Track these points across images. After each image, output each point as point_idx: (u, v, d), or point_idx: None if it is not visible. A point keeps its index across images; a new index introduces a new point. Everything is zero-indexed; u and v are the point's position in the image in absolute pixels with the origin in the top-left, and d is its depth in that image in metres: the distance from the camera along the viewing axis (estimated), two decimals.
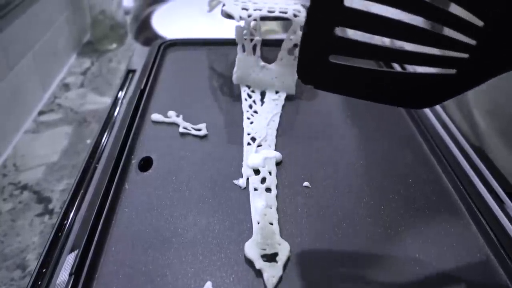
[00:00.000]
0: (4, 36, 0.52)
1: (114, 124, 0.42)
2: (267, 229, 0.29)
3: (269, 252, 0.27)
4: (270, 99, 0.44)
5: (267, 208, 0.31)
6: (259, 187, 0.33)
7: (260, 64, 0.45)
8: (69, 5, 0.74)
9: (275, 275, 0.26)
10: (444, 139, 0.39)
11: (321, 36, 0.25)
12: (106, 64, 0.74)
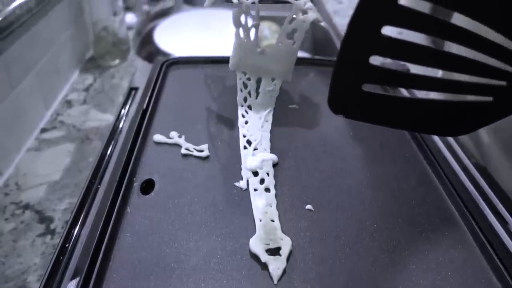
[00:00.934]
0: (6, 56, 0.52)
1: (117, 144, 0.42)
2: (269, 225, 0.31)
3: (273, 247, 0.30)
4: (265, 90, 0.44)
5: (268, 206, 0.33)
6: (259, 187, 0.35)
7: (258, 50, 0.43)
8: (72, 22, 0.74)
9: (280, 267, 0.28)
10: (448, 159, 0.39)
11: (356, 65, 0.25)
12: (109, 80, 0.75)
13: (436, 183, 0.36)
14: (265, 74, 0.45)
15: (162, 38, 0.94)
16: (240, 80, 0.44)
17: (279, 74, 0.45)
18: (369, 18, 0.24)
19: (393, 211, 0.33)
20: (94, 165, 0.40)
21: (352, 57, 0.25)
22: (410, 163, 0.39)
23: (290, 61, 0.44)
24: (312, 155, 0.40)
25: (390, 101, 0.28)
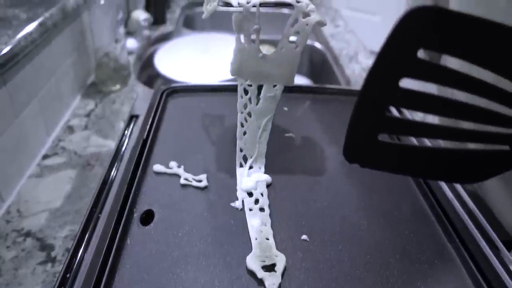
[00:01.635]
0: (10, 85, 0.54)
1: (117, 172, 0.43)
2: (264, 243, 0.33)
3: (268, 263, 0.31)
4: (266, 96, 0.43)
5: (263, 225, 0.35)
6: (253, 207, 0.37)
7: (260, 55, 0.41)
8: (75, 49, 0.76)
9: (275, 283, 0.30)
10: (442, 189, 0.40)
11: (373, 116, 0.25)
12: (110, 105, 0.76)
13: (429, 214, 0.37)
14: (266, 80, 0.43)
15: (162, 62, 0.96)
16: (241, 86, 0.43)
17: (282, 79, 0.43)
18: (388, 71, 0.24)
19: (386, 242, 0.34)
20: (95, 194, 0.40)
21: (369, 108, 0.25)
22: (404, 193, 0.40)
23: (292, 65, 0.42)
24: (307, 184, 0.41)
25: (404, 150, 0.29)
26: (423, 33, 0.23)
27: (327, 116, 0.52)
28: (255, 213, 0.37)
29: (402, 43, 0.23)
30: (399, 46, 0.23)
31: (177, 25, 1.22)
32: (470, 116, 0.27)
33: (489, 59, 0.24)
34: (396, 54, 0.24)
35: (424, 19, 0.22)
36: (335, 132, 0.49)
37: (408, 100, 0.26)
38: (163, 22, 1.17)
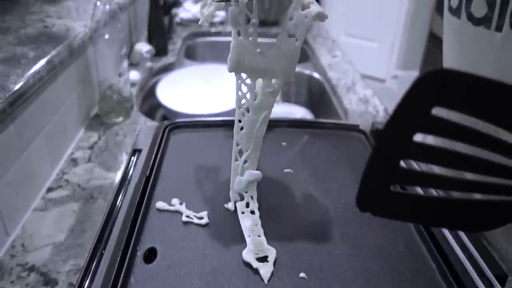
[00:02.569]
0: (18, 122, 0.56)
1: (120, 208, 0.44)
2: (256, 240, 0.39)
3: (261, 255, 0.37)
4: (264, 92, 0.42)
5: (254, 225, 0.41)
6: (245, 210, 0.42)
7: (257, 50, 0.40)
8: (80, 83, 0.78)
9: (268, 271, 0.36)
10: None
11: (386, 168, 0.27)
12: (113, 137, 0.78)
13: (423, 250, 0.38)
14: (265, 75, 0.41)
15: (163, 93, 0.99)
16: (239, 82, 0.42)
17: (281, 75, 0.41)
18: (402, 127, 0.25)
19: (381, 278, 0.35)
20: (98, 230, 0.42)
21: (383, 161, 0.26)
22: (398, 228, 0.41)
23: (292, 60, 0.41)
24: (305, 220, 0.42)
25: (414, 200, 0.30)
26: (435, 94, 0.24)
27: (325, 151, 0.53)
28: (247, 215, 0.42)
29: (416, 102, 0.24)
30: (413, 105, 0.24)
31: (178, 56, 1.25)
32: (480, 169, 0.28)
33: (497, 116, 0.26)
34: (410, 112, 0.25)
35: (436, 81, 0.24)
36: (333, 168, 0.50)
37: (421, 154, 0.27)
38: (165, 53, 1.20)
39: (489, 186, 0.28)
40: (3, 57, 0.61)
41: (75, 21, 0.79)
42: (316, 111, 1.11)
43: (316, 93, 1.16)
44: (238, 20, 0.39)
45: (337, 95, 1.01)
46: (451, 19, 0.55)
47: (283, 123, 0.59)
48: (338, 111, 0.98)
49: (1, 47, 0.64)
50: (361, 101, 0.96)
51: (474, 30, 0.51)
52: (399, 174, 0.28)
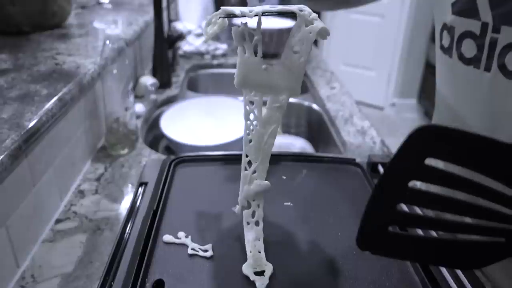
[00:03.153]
0: (30, 157, 0.58)
1: (128, 241, 0.46)
2: (256, 255, 0.42)
3: (259, 270, 0.41)
4: (271, 107, 0.43)
5: (256, 240, 0.44)
6: (250, 221, 0.45)
7: (263, 66, 0.42)
8: (88, 117, 0.82)
9: (264, 283, 0.40)
10: None
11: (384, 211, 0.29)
12: (119, 169, 0.81)
13: (417, 282, 0.40)
14: (272, 91, 0.43)
15: (167, 124, 1.02)
16: (246, 97, 0.43)
17: (287, 90, 0.43)
18: (398, 175, 0.28)
19: None
20: (108, 262, 0.44)
21: (381, 204, 0.29)
22: (393, 261, 0.43)
23: (298, 76, 0.42)
24: (303, 251, 0.44)
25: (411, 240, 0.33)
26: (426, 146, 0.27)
27: (323, 185, 0.56)
28: (251, 227, 0.45)
29: (410, 154, 0.27)
30: (407, 157, 0.27)
31: (181, 88, 1.29)
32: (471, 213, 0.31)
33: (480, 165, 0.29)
34: (405, 163, 0.28)
35: (426, 135, 0.27)
36: (331, 201, 0.53)
37: (415, 199, 0.30)
38: (169, 85, 1.24)
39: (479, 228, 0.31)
40: (18, 94, 0.64)
41: (85, 58, 0.83)
42: (315, 142, 1.14)
43: (315, 124, 1.20)
44: (242, 38, 0.41)
45: (335, 126, 1.04)
46: (443, 57, 0.59)
47: (284, 157, 0.62)
48: (337, 142, 1.01)
49: (16, 84, 0.68)
50: (358, 133, 0.99)
51: (464, 69, 0.54)
52: (396, 216, 0.30)
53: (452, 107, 0.60)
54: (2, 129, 0.53)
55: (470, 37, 0.52)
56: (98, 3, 1.47)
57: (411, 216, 0.32)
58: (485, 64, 0.51)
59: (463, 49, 0.54)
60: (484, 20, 0.50)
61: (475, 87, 0.53)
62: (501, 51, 0.49)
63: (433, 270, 0.41)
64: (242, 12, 0.40)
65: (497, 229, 0.31)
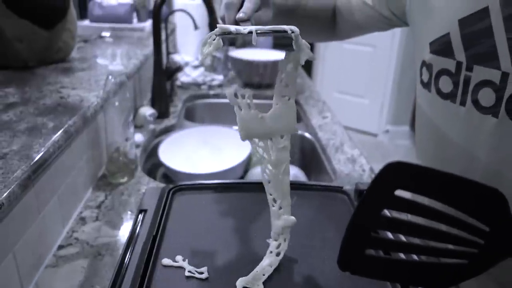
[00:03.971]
0: (37, 186, 0.62)
1: (129, 264, 0.50)
2: (258, 276, 0.46)
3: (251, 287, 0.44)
4: (277, 148, 0.48)
5: (268, 266, 0.47)
6: (274, 250, 0.48)
7: (259, 116, 0.47)
8: (90, 147, 0.86)
9: None
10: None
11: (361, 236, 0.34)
12: (118, 197, 0.84)
13: None
14: (273, 135, 0.48)
15: (165, 153, 1.06)
16: (254, 145, 0.48)
17: (286, 130, 0.48)
18: (372, 205, 0.32)
19: None
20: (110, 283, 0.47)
21: (358, 231, 0.33)
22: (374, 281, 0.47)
23: (291, 116, 0.48)
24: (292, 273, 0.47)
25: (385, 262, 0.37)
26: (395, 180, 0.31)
27: (312, 211, 0.60)
28: (272, 255, 0.48)
29: (381, 186, 0.32)
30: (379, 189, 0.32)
31: (179, 118, 1.34)
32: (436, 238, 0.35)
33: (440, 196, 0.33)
34: (377, 194, 0.32)
35: (395, 171, 0.31)
36: (319, 227, 0.56)
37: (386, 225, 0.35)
38: (167, 116, 1.29)
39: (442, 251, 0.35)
40: (26, 127, 0.69)
41: (88, 92, 0.88)
42: (308, 170, 1.19)
43: (308, 152, 1.24)
44: (235, 98, 0.46)
45: (326, 154, 1.09)
46: (423, 91, 0.64)
47: None
48: (328, 170, 1.05)
49: (24, 117, 0.72)
50: (348, 161, 1.03)
51: (442, 103, 0.59)
52: (371, 241, 0.34)
53: (432, 138, 0.65)
54: (12, 161, 0.57)
55: (447, 74, 0.57)
56: (100, 37, 1.53)
57: (384, 241, 0.36)
58: (460, 99, 0.56)
59: (441, 85, 0.59)
60: (459, 60, 0.55)
61: (452, 120, 0.58)
62: (474, 87, 0.54)
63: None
64: (237, 29, 0.45)
65: (460, 252, 0.35)
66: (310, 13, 0.84)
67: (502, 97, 0.50)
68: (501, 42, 0.50)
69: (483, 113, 0.53)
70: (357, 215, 0.33)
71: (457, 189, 0.32)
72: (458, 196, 0.32)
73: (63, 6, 1.06)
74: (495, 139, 0.52)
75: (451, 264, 0.35)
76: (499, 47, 0.50)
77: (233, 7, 0.58)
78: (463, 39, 0.54)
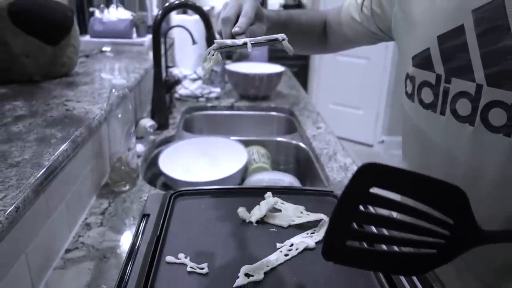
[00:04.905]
0: (47, 193, 0.66)
1: (135, 263, 0.54)
2: (261, 266, 0.50)
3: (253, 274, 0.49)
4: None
5: (274, 261, 0.51)
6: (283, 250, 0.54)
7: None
8: (94, 157, 0.90)
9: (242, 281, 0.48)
10: None
11: (341, 229, 0.38)
12: (121, 204, 0.88)
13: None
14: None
15: (165, 163, 1.10)
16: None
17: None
18: (350, 201, 0.36)
19: None
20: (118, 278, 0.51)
21: (338, 224, 0.37)
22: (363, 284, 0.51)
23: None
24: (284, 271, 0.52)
25: (365, 252, 0.41)
26: (370, 179, 0.36)
27: None
28: (281, 254, 0.52)
29: (358, 185, 0.36)
30: (356, 187, 0.36)
31: (178, 129, 1.38)
32: (409, 230, 0.39)
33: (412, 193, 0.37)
34: (354, 192, 0.36)
35: (369, 171, 0.36)
36: (309, 225, 0.61)
37: (363, 219, 0.39)
38: (166, 127, 1.34)
39: (414, 241, 0.39)
40: (36, 137, 0.73)
41: (92, 104, 0.93)
42: (302, 178, 1.23)
43: (303, 161, 1.29)
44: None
45: (320, 163, 1.14)
46: (407, 101, 0.69)
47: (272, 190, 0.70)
48: (322, 177, 1.09)
49: (33, 129, 0.77)
50: (341, 169, 1.08)
51: (424, 112, 0.64)
52: (351, 233, 0.39)
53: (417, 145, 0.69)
54: (25, 168, 0.62)
55: (428, 86, 0.62)
56: (101, 52, 1.59)
57: (362, 233, 0.40)
58: (440, 109, 0.61)
59: (423, 96, 0.64)
60: (438, 73, 0.60)
61: (433, 128, 0.63)
62: (452, 98, 0.58)
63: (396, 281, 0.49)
64: (233, 42, 0.49)
65: (430, 242, 0.39)
66: (303, 27, 0.90)
67: (477, 107, 0.55)
68: (475, 57, 0.54)
69: (460, 121, 0.58)
70: (337, 210, 0.37)
71: (425, 187, 0.36)
72: (426, 193, 0.37)
73: (67, 23, 1.11)
74: (472, 145, 0.57)
75: (422, 254, 0.39)
76: (473, 61, 0.55)
77: (229, 22, 0.64)
78: (442, 54, 0.59)
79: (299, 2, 3.94)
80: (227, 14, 0.64)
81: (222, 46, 0.50)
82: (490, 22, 0.52)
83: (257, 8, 0.67)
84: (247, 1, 0.66)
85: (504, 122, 0.53)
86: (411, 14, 0.66)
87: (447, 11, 0.58)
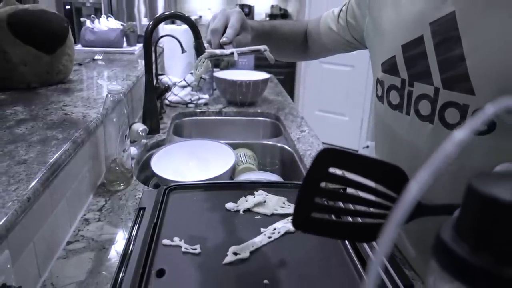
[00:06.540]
0: (52, 188, 0.72)
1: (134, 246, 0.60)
2: (246, 247, 0.57)
3: (239, 253, 0.56)
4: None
5: (259, 242, 0.58)
6: (267, 233, 0.61)
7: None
8: (91, 158, 0.96)
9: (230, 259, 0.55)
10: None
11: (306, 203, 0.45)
12: (117, 202, 0.94)
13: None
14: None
15: (157, 165, 1.17)
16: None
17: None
18: (312, 179, 0.43)
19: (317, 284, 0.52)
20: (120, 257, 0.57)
21: (303, 198, 0.44)
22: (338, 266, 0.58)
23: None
24: (266, 258, 0.59)
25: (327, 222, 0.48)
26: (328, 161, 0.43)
27: None
28: (264, 236, 0.59)
29: (318, 166, 0.43)
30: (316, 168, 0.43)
31: (168, 133, 1.45)
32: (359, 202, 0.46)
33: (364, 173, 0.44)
34: (315, 171, 0.43)
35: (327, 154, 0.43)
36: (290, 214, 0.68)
37: (324, 194, 0.46)
38: (158, 131, 1.40)
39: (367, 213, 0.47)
40: (39, 138, 0.79)
41: (89, 109, 0.99)
42: (287, 178, 1.30)
43: (287, 162, 1.36)
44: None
45: (304, 164, 1.21)
46: (378, 103, 0.77)
47: (258, 185, 0.77)
48: None
49: (35, 131, 0.83)
50: None
51: (392, 112, 0.72)
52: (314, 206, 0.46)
53: (387, 141, 0.77)
54: (32, 165, 0.68)
55: (394, 89, 0.71)
56: (93, 60, 1.65)
57: (324, 206, 0.47)
58: (406, 109, 0.69)
59: (391, 98, 0.72)
60: (403, 77, 0.68)
61: (400, 127, 0.71)
62: (415, 100, 0.67)
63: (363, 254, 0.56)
64: (221, 52, 0.57)
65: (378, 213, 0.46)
66: (285, 36, 0.98)
67: (435, 108, 0.63)
68: (433, 63, 0.63)
69: (422, 120, 0.66)
70: (302, 187, 0.44)
71: (373, 167, 0.44)
72: (374, 172, 0.44)
73: (63, 33, 1.18)
74: (432, 141, 0.65)
75: (372, 223, 0.47)
76: (431, 67, 0.63)
77: (217, 33, 0.71)
78: (405, 61, 0.67)
79: (284, 12, 4.05)
80: (215, 26, 0.71)
81: (212, 55, 0.58)
82: (445, 33, 0.60)
83: (242, 20, 0.75)
84: (234, 14, 0.73)
85: (458, 120, 0.61)
86: (380, 25, 0.74)
87: (409, 23, 0.67)
